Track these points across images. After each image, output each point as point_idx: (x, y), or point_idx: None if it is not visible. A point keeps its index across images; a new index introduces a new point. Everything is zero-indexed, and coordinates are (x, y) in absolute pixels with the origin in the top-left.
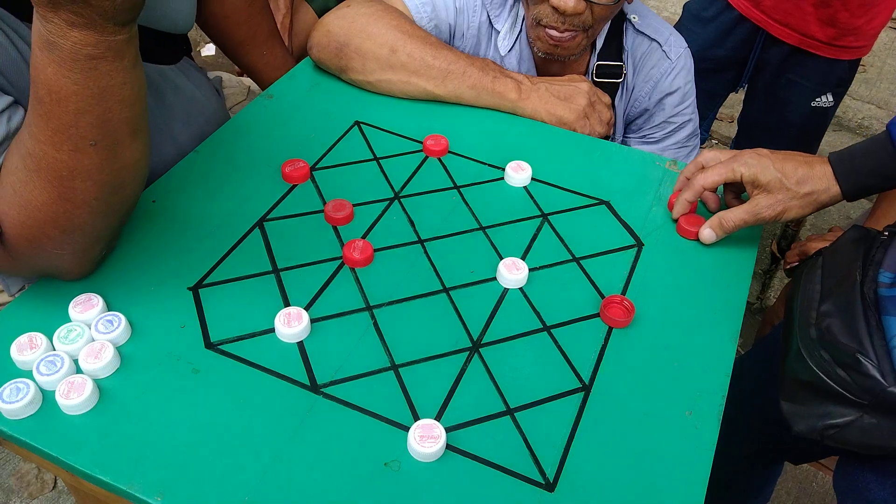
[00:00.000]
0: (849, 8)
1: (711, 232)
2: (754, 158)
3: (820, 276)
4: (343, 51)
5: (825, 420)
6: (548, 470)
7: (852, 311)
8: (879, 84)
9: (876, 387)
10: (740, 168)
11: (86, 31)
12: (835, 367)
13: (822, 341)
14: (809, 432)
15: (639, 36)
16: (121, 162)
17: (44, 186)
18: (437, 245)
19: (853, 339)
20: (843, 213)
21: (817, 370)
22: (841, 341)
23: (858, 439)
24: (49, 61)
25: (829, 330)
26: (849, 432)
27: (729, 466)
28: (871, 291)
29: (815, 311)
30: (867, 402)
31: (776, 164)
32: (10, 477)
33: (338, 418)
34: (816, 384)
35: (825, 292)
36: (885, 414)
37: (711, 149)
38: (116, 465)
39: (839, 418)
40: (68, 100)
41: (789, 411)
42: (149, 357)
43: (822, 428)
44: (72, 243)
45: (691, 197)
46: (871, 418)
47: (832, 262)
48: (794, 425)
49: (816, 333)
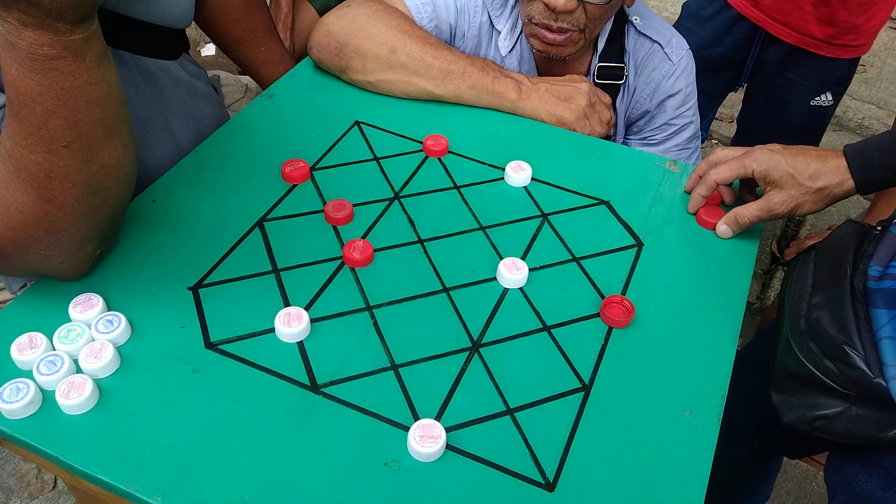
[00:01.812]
0: (847, 6)
1: (727, 228)
2: (766, 155)
3: (812, 270)
4: (343, 51)
5: (814, 411)
6: (548, 470)
7: (841, 304)
8: (879, 84)
9: (862, 378)
10: (752, 164)
11: (38, 30)
12: (823, 358)
13: (811, 333)
14: (799, 423)
15: (640, 37)
16: (98, 163)
17: (24, 188)
18: (437, 245)
19: (841, 332)
20: (844, 213)
21: (806, 362)
22: (829, 333)
23: (846, 430)
24: (11, 62)
25: (818, 322)
26: (837, 423)
27: (727, 463)
28: (861, 284)
29: (806, 304)
30: (854, 394)
31: (788, 159)
32: (10, 477)
33: (338, 418)
34: (805, 375)
35: (816, 285)
36: (871, 405)
37: (724, 147)
38: (116, 465)
39: (827, 409)
40: (34, 101)
41: (779, 402)
42: (149, 357)
43: (811, 419)
44: (58, 244)
45: (705, 192)
46: (857, 409)
47: (824, 255)
48: (783, 416)
49: (806, 325)
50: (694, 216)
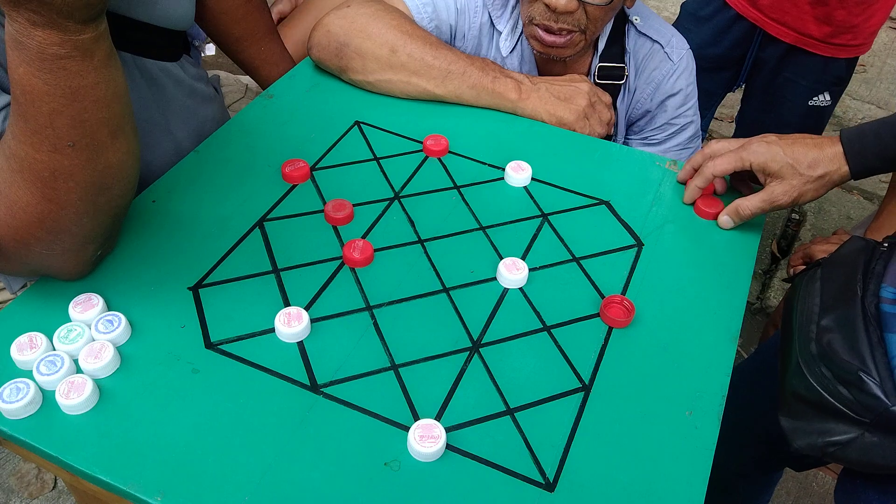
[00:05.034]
0: (845, 6)
1: (729, 219)
2: (763, 147)
3: (819, 288)
4: (343, 51)
5: (826, 437)
6: (548, 470)
7: (854, 327)
8: (879, 84)
9: (878, 406)
10: (749, 157)
11: (48, 30)
12: (836, 383)
13: (823, 357)
14: (810, 449)
15: (641, 37)
16: (103, 163)
17: (27, 187)
18: (437, 245)
19: (855, 357)
20: (844, 213)
21: (818, 386)
22: (843, 358)
23: (859, 457)
24: (20, 61)
25: (829, 346)
26: (850, 450)
27: (730, 472)
28: (873, 306)
29: (816, 325)
30: (869, 421)
31: (786, 149)
32: (10, 477)
33: (338, 418)
34: (816, 400)
35: (825, 305)
36: (886, 433)
37: (719, 139)
38: (116, 465)
39: (840, 436)
40: (41, 100)
41: (789, 427)
42: (149, 357)
43: (822, 445)
44: (60, 244)
45: (702, 183)
46: (872, 437)
47: (831, 273)
48: (793, 441)
49: (817, 349)
50: (692, 208)
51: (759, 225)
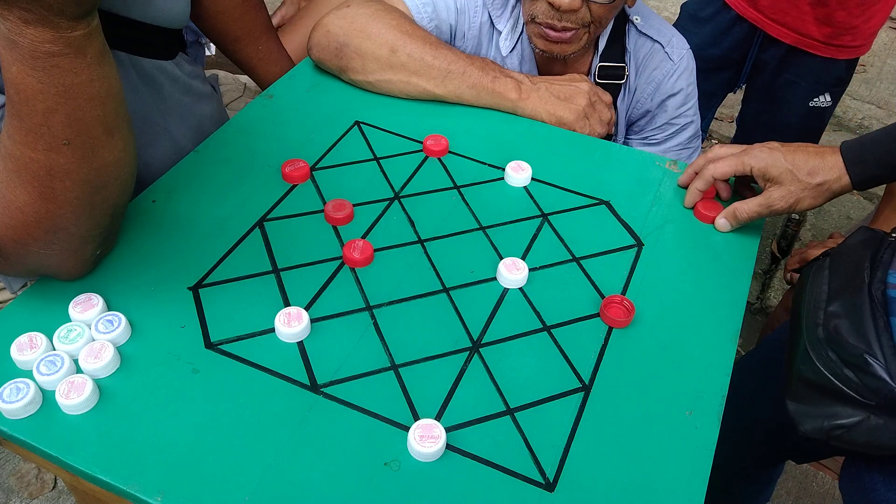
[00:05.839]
0: (845, 7)
1: (726, 222)
2: (765, 152)
3: (827, 277)
4: (343, 51)
5: (832, 420)
6: (548, 470)
7: (860, 312)
8: (879, 84)
9: (884, 388)
10: (750, 161)
11: (40, 27)
12: (842, 367)
13: (830, 341)
14: (816, 432)
15: (641, 37)
16: (99, 161)
17: (24, 187)
18: (437, 245)
19: (861, 340)
20: (843, 213)
21: (824, 370)
22: (849, 342)
23: (865, 440)
24: (13, 60)
25: (836, 330)
26: (856, 433)
27: (730, 469)
28: (880, 292)
29: (823, 312)
30: (874, 403)
31: (787, 156)
32: (10, 477)
33: (338, 418)
34: (823, 384)
35: (832, 293)
36: (892, 415)
37: (722, 144)
38: (116, 465)
39: (846, 419)
40: (35, 98)
41: (796, 411)
42: (149, 357)
43: (828, 428)
44: (58, 243)
45: (702, 186)
46: (878, 419)
47: (839, 262)
48: (800, 425)
49: (824, 334)
50: (692, 211)
51: (758, 226)
